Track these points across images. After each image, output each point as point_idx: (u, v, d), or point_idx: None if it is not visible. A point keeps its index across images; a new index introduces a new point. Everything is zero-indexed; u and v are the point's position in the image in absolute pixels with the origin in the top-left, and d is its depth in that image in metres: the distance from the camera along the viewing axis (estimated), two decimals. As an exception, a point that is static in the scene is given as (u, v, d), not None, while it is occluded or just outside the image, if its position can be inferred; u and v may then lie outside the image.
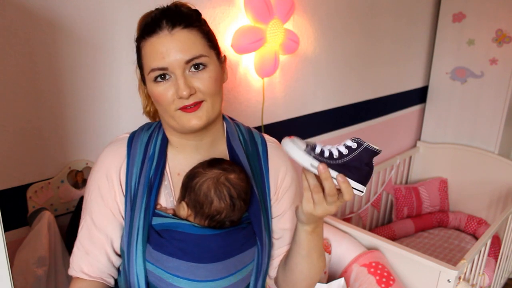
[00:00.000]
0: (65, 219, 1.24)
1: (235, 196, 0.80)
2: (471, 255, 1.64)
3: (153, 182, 0.82)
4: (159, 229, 0.80)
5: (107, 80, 1.26)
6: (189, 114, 0.78)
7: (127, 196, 0.82)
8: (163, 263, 0.78)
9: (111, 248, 0.84)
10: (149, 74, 0.78)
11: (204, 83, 0.78)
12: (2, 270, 0.58)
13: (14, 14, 1.05)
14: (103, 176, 0.83)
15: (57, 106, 1.18)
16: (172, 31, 0.76)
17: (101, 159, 0.85)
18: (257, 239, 0.84)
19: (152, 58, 0.76)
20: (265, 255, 0.86)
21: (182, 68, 0.76)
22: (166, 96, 0.77)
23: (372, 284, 1.55)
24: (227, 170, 0.81)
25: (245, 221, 0.85)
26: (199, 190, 0.80)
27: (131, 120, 1.34)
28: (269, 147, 0.92)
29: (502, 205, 2.64)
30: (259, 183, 0.88)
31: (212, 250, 0.79)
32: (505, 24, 2.52)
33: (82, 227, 0.85)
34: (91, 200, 0.84)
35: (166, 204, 0.85)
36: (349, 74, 2.24)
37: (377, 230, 2.57)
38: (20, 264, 1.06)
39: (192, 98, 0.77)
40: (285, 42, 1.70)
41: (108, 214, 0.83)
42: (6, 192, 1.12)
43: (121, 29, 1.26)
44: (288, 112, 1.93)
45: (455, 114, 2.83)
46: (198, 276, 0.78)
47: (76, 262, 0.84)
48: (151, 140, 0.86)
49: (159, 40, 0.76)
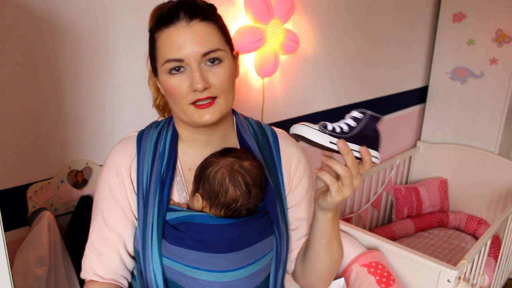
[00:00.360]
0: (65, 219, 1.24)
1: (251, 183, 0.79)
2: (471, 255, 1.64)
3: (165, 177, 0.81)
4: (174, 223, 0.79)
5: (107, 80, 1.26)
6: (202, 110, 0.77)
7: (139, 193, 0.81)
8: (181, 256, 0.77)
9: (124, 249, 0.83)
10: (164, 65, 0.76)
11: (219, 78, 0.77)
12: (2, 270, 0.58)
13: (14, 14, 1.05)
14: (114, 174, 0.82)
15: (57, 106, 1.18)
16: (190, 23, 0.75)
17: (110, 158, 0.84)
18: (275, 228, 0.84)
19: (168, 49, 0.75)
20: (283, 244, 0.85)
21: (198, 60, 0.75)
22: (180, 88, 0.76)
23: (372, 284, 1.55)
24: (241, 157, 0.80)
25: (261, 210, 0.85)
26: (213, 179, 0.79)
27: (131, 120, 1.34)
28: (279, 138, 0.92)
29: (502, 205, 2.64)
30: (272, 173, 0.87)
31: (230, 240, 0.78)
32: (505, 24, 2.52)
33: (93, 228, 0.84)
34: (102, 199, 0.83)
35: (179, 199, 0.84)
36: (349, 74, 2.24)
37: (377, 230, 2.57)
38: (20, 264, 1.06)
39: (206, 92, 0.76)
40: (285, 42, 1.70)
41: (120, 214, 0.82)
42: (6, 192, 1.12)
43: (121, 29, 1.26)
44: (288, 112, 1.93)
45: (455, 114, 2.82)
46: (218, 267, 0.77)
47: (88, 265, 0.83)
48: (161, 137, 0.85)
49: (177, 31, 0.75)
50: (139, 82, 1.33)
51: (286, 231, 0.87)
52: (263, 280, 0.84)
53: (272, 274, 0.85)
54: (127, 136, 0.88)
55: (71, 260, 1.18)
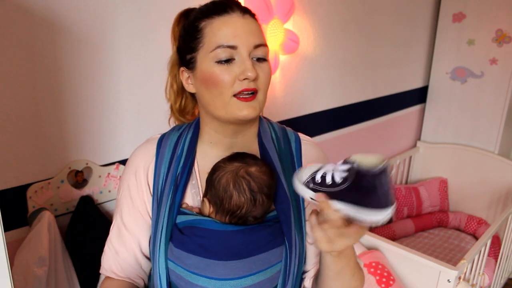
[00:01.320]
0: (65, 219, 1.24)
1: (256, 190, 0.76)
2: (471, 255, 1.64)
3: (180, 180, 0.81)
4: (182, 227, 0.79)
5: (107, 80, 1.26)
6: (243, 103, 0.76)
7: (154, 195, 0.82)
8: (183, 260, 0.77)
9: (139, 249, 0.83)
10: (214, 51, 0.75)
11: (265, 73, 0.78)
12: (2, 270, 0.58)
13: (14, 14, 1.05)
14: (132, 175, 0.83)
15: (57, 106, 1.18)
16: (244, 16, 0.77)
17: (131, 159, 0.85)
18: (286, 239, 0.79)
19: (222, 35, 0.74)
20: (294, 257, 0.80)
21: (249, 50, 0.75)
22: (227, 77, 0.74)
23: (372, 284, 1.55)
24: (248, 163, 0.78)
25: (273, 219, 0.81)
26: (218, 184, 0.77)
27: (131, 120, 1.34)
28: (303, 145, 0.89)
29: (502, 205, 2.64)
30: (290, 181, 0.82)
31: (233, 247, 0.76)
32: (505, 24, 2.52)
33: (113, 226, 0.86)
34: (121, 199, 0.85)
35: (193, 203, 0.83)
36: (349, 74, 2.24)
37: (377, 230, 2.57)
38: (20, 264, 1.06)
39: (253, 83, 0.75)
40: (285, 42, 1.70)
41: (137, 215, 0.83)
42: (6, 192, 1.12)
43: (121, 29, 1.26)
44: (288, 112, 1.93)
45: (455, 114, 2.83)
46: (217, 274, 0.75)
47: (106, 262, 0.84)
48: (181, 140, 0.85)
49: (232, 19, 0.75)
50: (139, 82, 1.33)
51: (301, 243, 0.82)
52: None
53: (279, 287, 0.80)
54: (150, 138, 0.88)
55: (71, 260, 1.18)
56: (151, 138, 0.88)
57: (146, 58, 1.33)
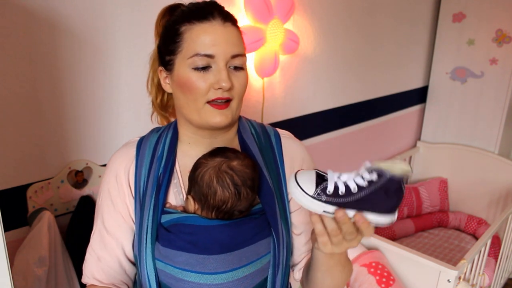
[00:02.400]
0: (65, 219, 1.24)
1: (239, 184, 0.77)
2: (471, 255, 1.64)
3: (162, 180, 0.81)
4: (167, 226, 0.79)
5: (107, 80, 1.26)
6: (216, 111, 0.77)
7: (136, 197, 0.81)
8: (172, 258, 0.77)
9: (123, 254, 0.83)
10: (192, 59, 0.75)
11: (240, 83, 0.78)
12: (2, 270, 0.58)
13: (14, 14, 1.05)
14: (113, 179, 0.83)
15: (57, 106, 1.18)
16: (224, 24, 0.77)
17: (110, 163, 0.85)
18: (272, 230, 0.81)
19: (201, 43, 0.75)
20: (282, 247, 0.82)
21: (226, 60, 0.76)
22: (202, 85, 0.75)
23: (372, 284, 1.55)
24: (230, 157, 0.78)
25: (259, 211, 0.82)
26: (201, 181, 0.77)
27: (131, 120, 1.34)
28: (282, 139, 0.90)
29: (502, 205, 2.64)
30: (274, 174, 0.85)
31: (222, 241, 0.76)
32: (505, 24, 2.52)
33: (94, 232, 0.84)
34: (102, 204, 0.84)
35: (176, 202, 0.83)
36: (349, 74, 2.24)
37: (377, 230, 2.57)
38: (20, 264, 1.06)
39: (227, 93, 0.77)
40: (285, 42, 1.70)
41: (119, 218, 0.82)
42: (6, 192, 1.12)
43: (121, 29, 1.26)
44: (288, 112, 1.93)
45: (455, 114, 2.83)
46: (208, 269, 0.76)
47: (88, 269, 0.83)
48: (160, 140, 0.85)
49: (212, 28, 0.75)
50: (139, 81, 1.33)
51: (287, 234, 0.84)
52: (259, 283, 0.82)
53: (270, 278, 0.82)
54: (128, 141, 0.88)
55: (71, 260, 1.18)
56: (130, 141, 0.87)
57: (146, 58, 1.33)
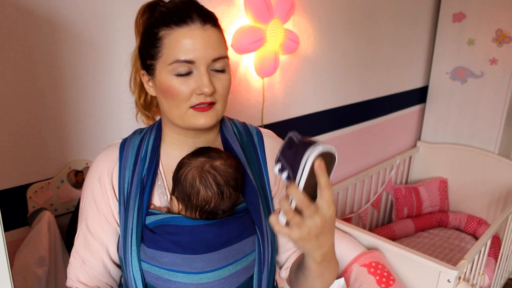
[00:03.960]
0: (65, 219, 1.24)
1: (222, 183, 0.77)
2: (471, 255, 1.64)
3: (146, 182, 0.81)
4: (152, 227, 0.79)
5: (107, 80, 1.26)
6: (200, 114, 0.77)
7: (121, 199, 0.81)
8: (158, 259, 0.77)
9: (107, 256, 0.83)
10: (172, 65, 0.74)
11: (223, 85, 0.78)
12: (2, 270, 0.58)
13: (14, 14, 1.05)
14: (96, 181, 0.82)
15: (57, 106, 1.18)
16: (204, 27, 0.74)
17: (93, 165, 0.84)
18: (257, 228, 0.82)
19: (180, 49, 0.74)
20: (267, 245, 0.83)
21: (207, 64, 0.75)
22: (184, 91, 0.75)
23: (372, 284, 1.55)
24: (213, 157, 0.78)
25: (243, 210, 0.83)
26: (184, 181, 0.77)
27: (131, 120, 1.34)
28: (265, 137, 0.91)
29: (502, 205, 2.64)
30: (257, 173, 0.86)
31: (207, 240, 0.77)
32: (505, 24, 2.52)
33: (78, 235, 0.84)
34: (86, 206, 0.83)
35: (160, 204, 0.83)
36: (349, 74, 2.24)
37: (377, 230, 2.57)
38: (20, 264, 1.06)
39: (210, 97, 0.76)
40: (285, 42, 1.70)
41: (102, 220, 0.82)
42: (6, 192, 1.12)
43: (121, 29, 1.26)
44: (288, 112, 1.93)
45: (455, 114, 2.83)
46: (194, 268, 0.76)
47: (73, 272, 0.83)
48: (143, 142, 0.85)
49: (191, 32, 0.73)
50: (139, 82, 1.33)
51: (272, 231, 0.85)
52: (245, 281, 0.82)
53: (255, 276, 0.83)
54: (111, 144, 0.87)
55: (71, 260, 1.18)
56: (112, 143, 0.87)
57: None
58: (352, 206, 2.43)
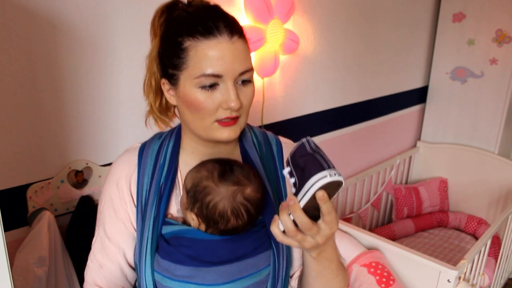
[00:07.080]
0: (65, 219, 1.24)
1: (253, 212, 0.76)
2: (471, 255, 1.64)
3: (164, 190, 0.80)
4: (168, 237, 0.78)
5: (107, 80, 1.26)
6: (224, 128, 0.75)
7: (138, 206, 0.80)
8: (171, 271, 0.76)
9: (125, 260, 0.82)
10: (198, 79, 0.72)
11: (248, 99, 0.76)
12: (2, 270, 0.58)
13: (13, 14, 1.05)
14: (114, 186, 0.82)
15: (57, 106, 1.18)
16: (232, 39, 0.72)
17: (112, 169, 0.84)
18: (272, 243, 0.80)
19: (207, 63, 0.71)
20: (282, 260, 0.81)
21: (235, 78, 0.73)
22: (210, 105, 0.73)
23: (372, 284, 1.55)
24: (242, 183, 0.75)
25: (260, 224, 0.81)
26: (213, 209, 0.75)
27: (131, 120, 1.34)
28: (284, 148, 0.89)
29: (502, 205, 2.64)
30: (274, 185, 0.85)
31: (222, 254, 0.76)
32: (505, 24, 2.52)
33: (95, 239, 0.84)
34: (104, 211, 0.83)
35: (178, 213, 0.83)
36: (349, 73, 2.24)
37: (377, 230, 2.57)
38: (20, 264, 1.06)
39: (236, 112, 0.74)
40: (285, 42, 1.70)
41: (120, 225, 0.82)
42: (6, 192, 1.12)
43: (121, 29, 1.26)
44: (288, 112, 1.93)
45: (455, 114, 2.82)
46: (207, 280, 0.75)
47: (90, 276, 0.83)
48: (162, 148, 0.84)
49: (220, 45, 0.71)
50: (140, 81, 1.33)
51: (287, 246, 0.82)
52: None
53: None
54: (131, 147, 0.86)
55: (71, 260, 1.18)
56: (131, 147, 0.86)
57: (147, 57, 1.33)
58: (352, 206, 2.43)
